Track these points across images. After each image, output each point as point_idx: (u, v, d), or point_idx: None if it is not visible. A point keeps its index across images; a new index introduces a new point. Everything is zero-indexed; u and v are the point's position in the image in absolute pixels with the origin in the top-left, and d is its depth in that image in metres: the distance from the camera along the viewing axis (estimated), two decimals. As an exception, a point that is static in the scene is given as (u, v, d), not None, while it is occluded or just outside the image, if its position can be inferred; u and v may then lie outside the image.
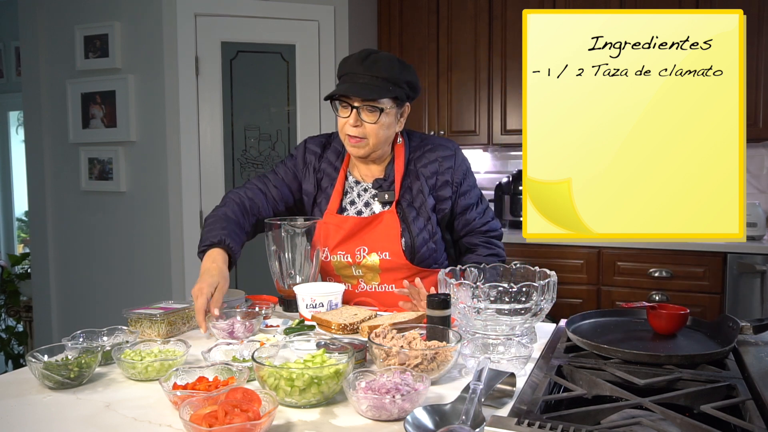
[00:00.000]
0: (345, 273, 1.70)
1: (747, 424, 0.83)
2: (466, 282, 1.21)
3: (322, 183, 1.76)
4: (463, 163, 1.73)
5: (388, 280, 1.67)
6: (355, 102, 1.59)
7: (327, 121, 3.49)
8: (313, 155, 1.78)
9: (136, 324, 1.42)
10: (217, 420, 0.86)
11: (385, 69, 1.58)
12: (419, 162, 1.70)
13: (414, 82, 1.65)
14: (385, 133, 1.64)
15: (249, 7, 3.33)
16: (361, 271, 1.68)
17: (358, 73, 1.58)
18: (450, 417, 0.91)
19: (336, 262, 1.69)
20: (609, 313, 1.35)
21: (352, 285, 1.71)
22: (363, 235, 1.67)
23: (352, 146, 1.64)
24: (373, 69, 1.58)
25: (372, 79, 1.57)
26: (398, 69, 1.60)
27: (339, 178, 1.73)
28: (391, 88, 1.58)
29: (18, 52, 4.21)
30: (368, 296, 1.70)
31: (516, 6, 3.57)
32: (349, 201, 1.73)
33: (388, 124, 1.63)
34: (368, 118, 1.59)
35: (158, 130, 3.27)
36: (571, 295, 3.28)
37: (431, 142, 1.75)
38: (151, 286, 3.33)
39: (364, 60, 1.59)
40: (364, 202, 1.72)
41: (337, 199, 1.72)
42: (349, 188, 1.74)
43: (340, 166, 1.75)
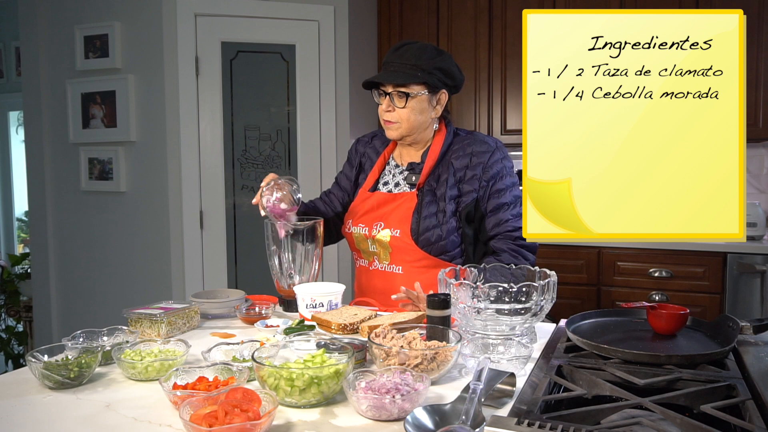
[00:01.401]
0: (362, 247, 1.78)
1: (747, 424, 0.83)
2: (466, 282, 1.21)
3: (365, 166, 1.89)
4: (499, 162, 1.71)
5: (398, 260, 1.71)
6: (388, 88, 1.68)
7: (327, 121, 3.49)
8: (362, 144, 1.94)
9: (136, 324, 1.42)
10: (217, 420, 0.86)
11: (414, 56, 1.65)
12: (454, 153, 1.74)
13: (447, 69, 1.69)
14: (418, 117, 1.70)
15: (249, 7, 3.33)
16: (375, 247, 1.74)
17: (390, 62, 1.68)
18: (450, 417, 0.91)
19: (356, 234, 1.77)
20: (609, 313, 1.35)
21: (368, 262, 1.78)
22: (382, 211, 1.75)
23: (387, 129, 1.74)
24: (403, 57, 1.66)
25: (401, 66, 1.66)
26: (428, 56, 1.66)
27: (379, 160, 1.85)
28: (419, 74, 1.65)
29: (18, 52, 4.22)
30: (380, 277, 1.75)
31: (516, 6, 3.57)
32: (384, 181, 1.83)
33: (420, 109, 1.69)
34: (398, 102, 1.68)
35: (158, 130, 3.27)
36: (571, 295, 3.28)
37: (473, 136, 1.77)
38: (151, 286, 3.33)
39: (397, 50, 1.69)
40: (395, 183, 1.80)
41: (373, 178, 1.83)
42: (388, 171, 1.84)
43: (383, 150, 1.87)
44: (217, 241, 3.38)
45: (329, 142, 3.50)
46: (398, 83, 1.65)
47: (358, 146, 1.94)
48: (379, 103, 1.72)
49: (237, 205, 3.44)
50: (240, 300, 1.64)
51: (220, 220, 3.38)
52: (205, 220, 3.35)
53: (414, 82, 1.65)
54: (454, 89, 1.75)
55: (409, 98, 1.66)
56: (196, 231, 3.32)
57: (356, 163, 1.92)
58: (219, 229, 3.39)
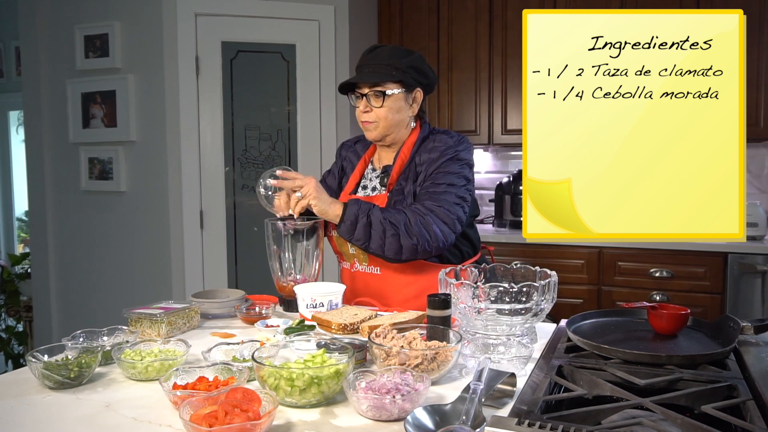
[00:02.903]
0: (344, 250, 1.78)
1: (748, 425, 0.83)
2: (466, 282, 1.21)
3: (347, 170, 1.92)
4: (450, 149, 1.69)
5: (375, 261, 1.71)
6: (364, 89, 1.70)
7: (327, 121, 3.49)
8: (345, 148, 1.96)
9: (136, 324, 1.42)
10: (217, 420, 0.86)
11: (388, 56, 1.69)
12: (422, 152, 1.74)
13: (419, 67, 1.72)
14: (395, 116, 1.71)
15: (249, 6, 3.33)
16: (354, 250, 1.73)
17: (364, 64, 1.72)
18: (450, 417, 0.91)
19: (337, 237, 1.76)
20: (609, 313, 1.35)
21: (350, 264, 1.79)
22: None
23: (365, 130, 1.76)
24: (377, 58, 1.70)
25: (376, 66, 1.69)
26: (400, 55, 1.70)
27: (359, 163, 1.87)
28: (394, 72, 1.68)
29: (18, 51, 4.21)
30: (362, 279, 1.76)
31: (516, 6, 3.57)
32: (363, 185, 1.84)
33: (397, 108, 1.71)
34: (375, 102, 1.70)
35: (158, 130, 3.27)
36: (572, 295, 3.28)
37: (443, 134, 1.77)
38: (151, 286, 3.33)
39: (370, 52, 1.73)
40: (372, 186, 1.82)
41: (353, 181, 1.85)
42: (367, 174, 1.86)
43: (363, 153, 1.89)
44: (217, 241, 3.38)
45: (329, 142, 3.50)
46: (374, 82, 1.68)
47: (342, 150, 1.97)
48: (356, 106, 1.74)
49: (237, 205, 3.44)
50: (240, 300, 1.64)
51: (220, 219, 3.38)
52: (205, 219, 3.35)
53: (390, 81, 1.68)
54: (429, 88, 1.78)
55: (385, 97, 1.68)
56: (196, 231, 3.32)
57: (339, 167, 1.94)
58: (219, 228, 3.38)
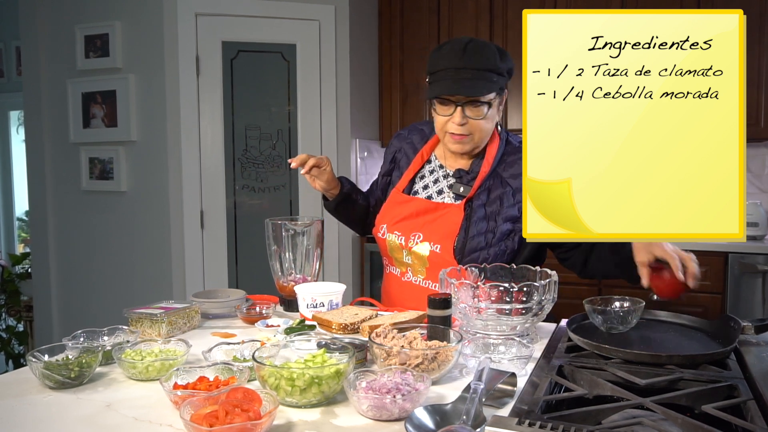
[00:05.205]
0: (396, 256, 1.62)
1: (748, 425, 0.83)
2: (467, 282, 1.21)
3: (400, 162, 1.71)
4: None
5: (434, 277, 1.55)
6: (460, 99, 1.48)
7: (328, 121, 3.49)
8: (399, 139, 1.76)
9: (136, 324, 1.42)
10: (217, 420, 0.86)
11: (489, 60, 1.47)
12: (510, 168, 1.57)
13: (513, 70, 1.53)
14: (490, 126, 1.55)
15: (250, 6, 3.33)
16: (410, 259, 1.59)
17: (460, 68, 1.46)
18: (451, 417, 0.91)
19: (390, 241, 1.61)
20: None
21: (400, 271, 1.63)
22: (422, 221, 1.58)
23: (455, 143, 1.54)
24: (476, 61, 1.46)
25: (476, 72, 1.45)
26: (500, 58, 1.49)
27: (416, 158, 1.67)
28: (495, 79, 1.48)
29: (18, 51, 4.21)
30: (413, 290, 1.60)
31: (516, 6, 3.57)
32: (423, 184, 1.65)
33: (492, 117, 1.53)
34: (474, 113, 1.49)
35: (159, 130, 3.27)
36: (572, 294, 3.27)
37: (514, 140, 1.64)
38: (151, 285, 3.34)
39: (464, 51, 1.46)
40: (437, 189, 1.62)
41: (408, 177, 1.66)
42: (430, 171, 1.66)
43: (421, 147, 1.68)
44: (217, 241, 3.38)
45: (330, 142, 3.50)
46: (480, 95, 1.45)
47: (395, 140, 1.76)
48: (442, 115, 1.51)
49: (237, 205, 3.44)
50: (240, 300, 1.64)
51: (220, 219, 3.38)
52: (205, 219, 3.35)
53: (494, 91, 1.48)
54: None
55: (489, 108, 1.49)
56: (196, 231, 3.32)
57: (390, 158, 1.74)
58: (219, 228, 3.39)
